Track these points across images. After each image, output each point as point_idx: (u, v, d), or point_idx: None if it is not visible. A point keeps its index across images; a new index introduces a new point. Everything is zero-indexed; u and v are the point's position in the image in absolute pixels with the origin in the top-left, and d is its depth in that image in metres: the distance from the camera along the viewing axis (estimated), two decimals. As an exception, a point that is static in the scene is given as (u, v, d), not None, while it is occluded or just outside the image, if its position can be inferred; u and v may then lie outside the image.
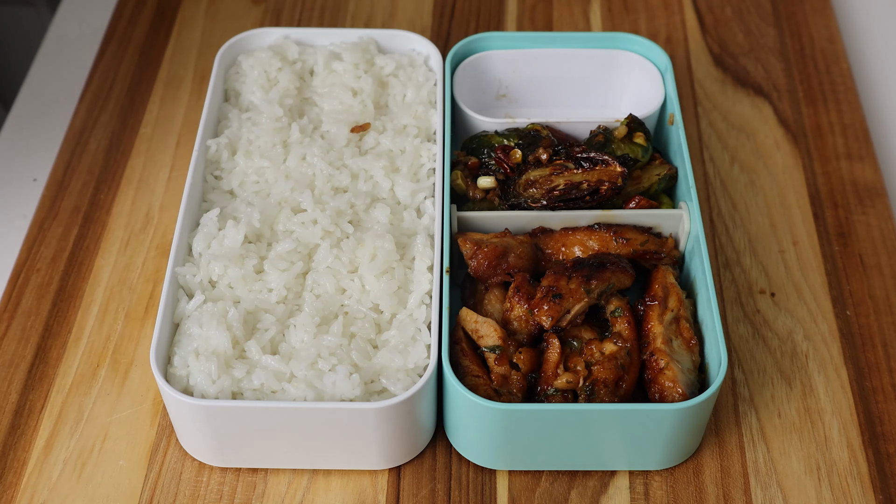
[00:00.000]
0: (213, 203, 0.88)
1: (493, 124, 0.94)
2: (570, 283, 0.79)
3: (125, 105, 1.07)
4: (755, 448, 0.80)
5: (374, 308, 0.80)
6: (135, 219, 0.97)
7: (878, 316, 0.89)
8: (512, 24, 1.17)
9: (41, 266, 0.93)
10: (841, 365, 0.86)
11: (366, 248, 0.82)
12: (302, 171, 0.88)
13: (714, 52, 1.13)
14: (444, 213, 0.84)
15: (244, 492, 0.78)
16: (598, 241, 0.84)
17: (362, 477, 0.79)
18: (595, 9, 1.19)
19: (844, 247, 0.95)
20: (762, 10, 1.18)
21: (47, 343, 0.87)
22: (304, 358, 0.75)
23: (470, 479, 0.79)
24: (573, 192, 0.85)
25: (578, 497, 0.78)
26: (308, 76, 0.99)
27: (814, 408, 0.83)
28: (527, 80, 1.01)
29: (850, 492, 0.78)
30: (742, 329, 0.88)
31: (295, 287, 0.81)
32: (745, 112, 1.07)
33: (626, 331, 0.79)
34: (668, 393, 0.76)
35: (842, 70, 1.11)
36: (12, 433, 0.81)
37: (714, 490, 0.78)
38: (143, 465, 0.79)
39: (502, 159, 0.88)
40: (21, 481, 0.78)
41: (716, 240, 0.95)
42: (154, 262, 0.93)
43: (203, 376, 0.75)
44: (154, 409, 0.83)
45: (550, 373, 0.77)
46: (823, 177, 1.01)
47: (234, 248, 0.82)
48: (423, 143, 0.91)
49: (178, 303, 0.80)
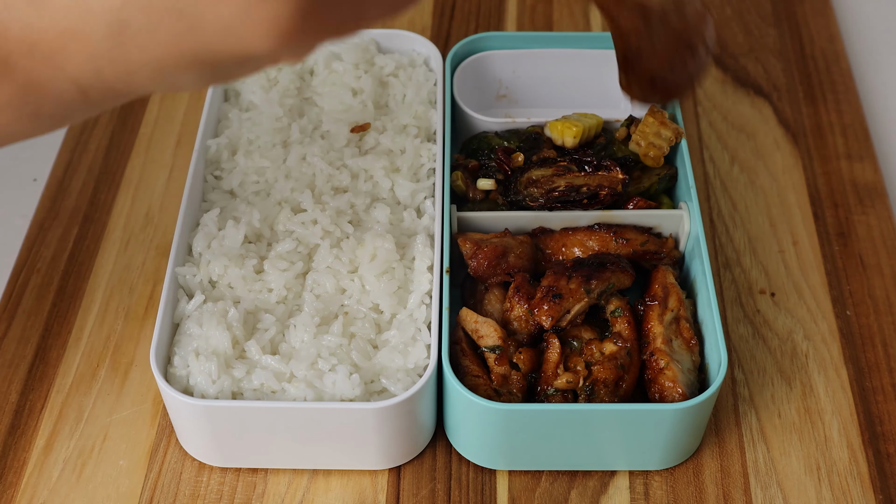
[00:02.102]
0: (213, 203, 0.88)
1: (493, 124, 0.94)
2: (570, 283, 0.79)
3: (125, 105, 1.07)
4: (755, 448, 0.80)
5: (374, 308, 0.80)
6: (135, 219, 0.97)
7: (878, 316, 0.89)
8: (512, 24, 1.17)
9: (41, 266, 0.93)
10: (841, 365, 0.86)
11: (366, 248, 0.82)
12: (302, 171, 0.88)
13: (714, 52, 1.13)
14: (444, 213, 0.84)
15: (244, 492, 0.78)
16: (598, 242, 0.84)
17: (362, 477, 0.79)
18: (595, 9, 1.19)
19: (844, 247, 0.95)
20: (762, 10, 1.18)
21: (47, 343, 0.87)
22: (304, 358, 0.75)
23: (470, 479, 0.79)
24: (572, 194, 0.85)
25: (578, 497, 0.78)
26: (308, 76, 0.99)
27: (814, 408, 0.83)
28: (527, 80, 1.01)
29: (850, 492, 0.78)
30: (742, 329, 0.88)
31: (295, 287, 0.81)
32: (745, 112, 1.07)
33: (626, 331, 0.79)
34: (668, 393, 0.76)
35: (842, 70, 1.11)
36: (12, 433, 0.81)
37: (714, 490, 0.78)
38: (143, 465, 0.79)
39: (503, 161, 0.88)
40: (21, 481, 0.78)
41: (716, 240, 0.95)
42: (154, 262, 0.93)
43: (203, 376, 0.75)
44: (154, 409, 0.83)
45: (550, 373, 0.77)
46: (823, 177, 1.01)
47: (234, 248, 0.82)
48: (423, 143, 0.91)
49: (178, 303, 0.80)
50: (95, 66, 0.45)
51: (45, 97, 0.47)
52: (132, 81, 0.47)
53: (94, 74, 0.46)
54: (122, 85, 0.47)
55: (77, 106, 0.49)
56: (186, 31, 0.43)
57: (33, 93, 0.47)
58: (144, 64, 0.45)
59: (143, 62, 0.45)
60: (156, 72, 0.46)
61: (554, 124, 0.89)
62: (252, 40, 0.43)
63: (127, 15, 0.43)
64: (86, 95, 0.47)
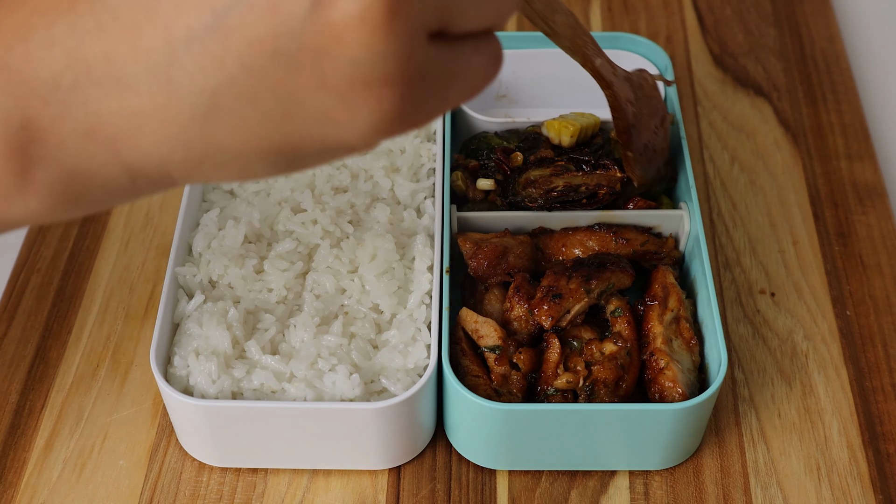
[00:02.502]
0: (213, 203, 0.88)
1: (493, 124, 0.94)
2: (570, 283, 0.79)
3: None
4: (755, 448, 0.80)
5: (374, 308, 0.80)
6: (135, 219, 0.97)
7: (878, 316, 0.89)
8: (512, 24, 1.17)
9: (41, 266, 0.93)
10: (841, 365, 0.86)
11: (366, 247, 0.82)
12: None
13: (714, 52, 1.13)
14: (444, 213, 0.84)
15: (244, 492, 0.78)
16: (598, 242, 0.84)
17: (362, 477, 0.79)
18: (595, 9, 1.19)
19: (844, 247, 0.95)
20: (762, 10, 1.18)
21: (47, 343, 0.87)
22: (304, 358, 0.75)
23: (470, 479, 0.79)
24: (571, 194, 0.85)
25: (578, 497, 0.78)
26: (308, 76, 0.99)
27: (814, 408, 0.83)
28: (527, 80, 1.01)
29: (850, 492, 0.78)
30: (742, 329, 0.88)
31: (295, 287, 0.81)
32: (745, 112, 1.07)
33: (626, 331, 0.79)
34: (668, 393, 0.76)
35: (842, 70, 1.11)
36: (12, 433, 0.81)
37: (714, 490, 0.78)
38: (143, 465, 0.79)
39: (502, 161, 0.88)
40: (21, 481, 0.78)
41: (716, 240, 0.95)
42: (154, 262, 0.93)
43: (203, 376, 0.75)
44: (154, 409, 0.83)
45: (550, 373, 0.77)
46: (823, 177, 1.01)
47: (234, 248, 0.82)
48: (423, 142, 0.91)
49: (178, 303, 0.80)
50: (161, 153, 0.41)
51: (90, 184, 0.43)
52: (197, 170, 0.42)
53: (156, 161, 0.41)
54: (182, 173, 0.42)
55: (119, 194, 0.44)
56: (281, 116, 0.40)
57: (78, 179, 0.42)
58: (223, 151, 0.41)
59: (222, 149, 0.41)
60: (231, 160, 0.42)
61: (551, 123, 0.89)
62: (348, 130, 0.40)
63: (222, 97, 0.39)
64: (134, 183, 0.43)
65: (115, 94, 0.40)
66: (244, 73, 0.38)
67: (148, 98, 0.39)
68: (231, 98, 0.39)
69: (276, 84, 0.39)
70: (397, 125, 0.40)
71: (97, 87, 0.40)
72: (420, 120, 0.41)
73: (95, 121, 0.40)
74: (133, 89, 0.39)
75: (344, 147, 0.42)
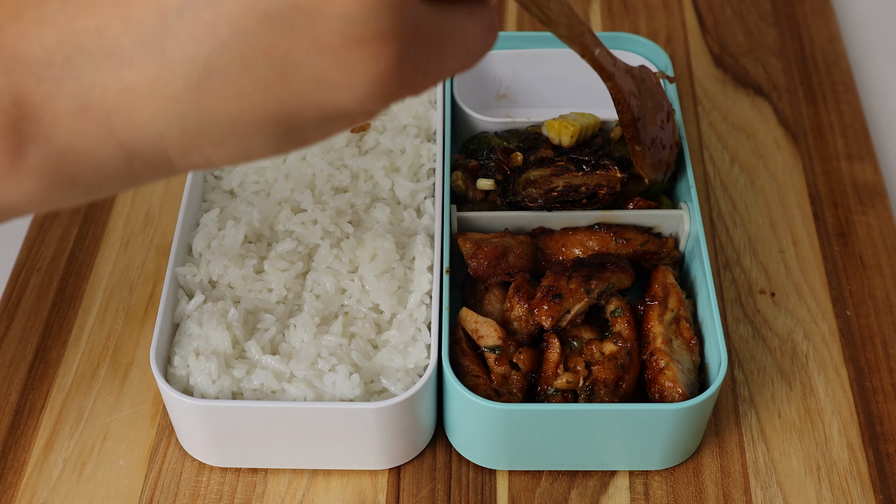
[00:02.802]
0: (213, 203, 0.88)
1: (493, 124, 0.94)
2: (570, 283, 0.79)
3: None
4: (755, 448, 0.80)
5: (374, 308, 0.80)
6: (135, 219, 0.97)
7: (878, 316, 0.89)
8: (512, 24, 1.17)
9: (41, 266, 0.93)
10: (841, 365, 0.86)
11: (366, 247, 0.82)
12: (302, 171, 0.88)
13: (714, 52, 1.13)
14: (444, 213, 0.84)
15: (244, 492, 0.78)
16: (598, 242, 0.84)
17: (362, 477, 0.79)
18: (595, 9, 1.19)
19: (844, 247, 0.95)
20: (762, 10, 1.18)
21: (47, 343, 0.87)
22: (304, 358, 0.75)
23: (470, 479, 0.79)
24: (571, 194, 0.85)
25: (578, 497, 0.78)
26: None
27: (814, 408, 0.83)
28: (527, 80, 1.01)
29: (850, 492, 0.78)
30: (742, 329, 0.88)
31: (295, 287, 0.81)
32: (745, 112, 1.07)
33: (626, 331, 0.79)
34: (668, 393, 0.76)
35: (842, 70, 1.11)
36: (12, 433, 0.81)
37: (714, 490, 0.78)
38: (143, 465, 0.79)
39: (502, 161, 0.88)
40: (21, 481, 0.78)
41: (716, 240, 0.95)
42: (154, 262, 0.93)
43: (203, 376, 0.75)
44: (154, 409, 0.83)
45: (550, 373, 0.77)
46: (823, 177, 1.01)
47: (234, 248, 0.82)
48: (423, 142, 0.91)
49: (178, 303, 0.80)
50: (157, 128, 0.40)
51: (84, 164, 0.42)
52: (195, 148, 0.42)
53: (151, 137, 0.41)
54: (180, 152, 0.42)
55: (116, 177, 0.43)
56: (276, 80, 0.39)
57: (72, 159, 0.42)
58: (219, 123, 0.40)
59: (219, 121, 0.40)
60: (229, 134, 0.41)
61: (551, 123, 0.89)
62: (345, 92, 0.40)
63: (215, 64, 0.38)
64: (131, 164, 0.42)
65: (108, 67, 0.39)
66: (236, 38, 0.38)
67: (141, 70, 0.39)
68: (225, 64, 0.39)
69: (270, 46, 0.38)
70: (395, 87, 0.40)
71: (89, 61, 0.39)
72: (418, 84, 0.41)
73: (89, 96, 0.40)
74: (126, 62, 0.39)
75: (342, 113, 0.41)
